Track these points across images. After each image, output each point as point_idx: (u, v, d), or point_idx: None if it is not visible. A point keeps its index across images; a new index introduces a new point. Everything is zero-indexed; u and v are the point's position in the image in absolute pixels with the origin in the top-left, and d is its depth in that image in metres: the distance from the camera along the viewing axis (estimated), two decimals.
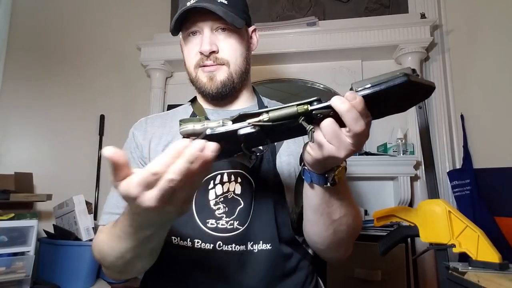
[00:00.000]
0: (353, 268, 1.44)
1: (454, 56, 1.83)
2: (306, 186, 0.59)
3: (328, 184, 0.53)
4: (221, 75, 0.74)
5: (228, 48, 0.74)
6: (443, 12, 1.89)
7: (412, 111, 1.71)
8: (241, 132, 0.42)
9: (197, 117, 0.77)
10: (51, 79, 1.75)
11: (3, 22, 1.57)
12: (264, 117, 0.42)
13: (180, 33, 0.80)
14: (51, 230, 1.47)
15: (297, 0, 2.15)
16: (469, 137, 1.65)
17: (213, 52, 0.73)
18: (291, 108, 0.41)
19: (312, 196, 0.59)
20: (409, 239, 1.51)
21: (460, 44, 1.79)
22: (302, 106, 0.41)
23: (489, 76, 1.56)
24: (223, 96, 0.76)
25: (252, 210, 0.68)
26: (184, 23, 0.75)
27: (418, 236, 0.83)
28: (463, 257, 0.78)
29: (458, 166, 1.72)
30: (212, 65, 0.74)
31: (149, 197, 0.37)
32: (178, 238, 0.68)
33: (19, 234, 1.26)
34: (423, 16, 1.81)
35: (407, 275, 1.43)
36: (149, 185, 0.37)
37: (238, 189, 0.69)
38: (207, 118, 0.75)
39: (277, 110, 0.42)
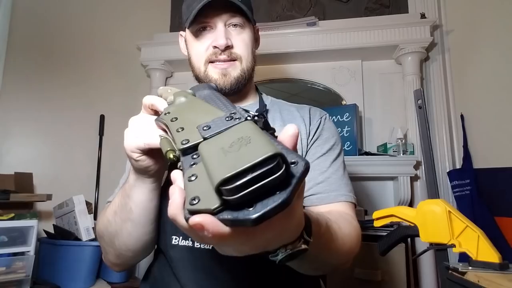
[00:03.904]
0: (353, 268, 1.44)
1: (454, 56, 1.83)
2: None
3: (277, 263, 0.35)
4: (235, 71, 0.74)
5: (242, 43, 0.74)
6: (443, 12, 1.89)
7: (412, 111, 1.72)
8: None
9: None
10: (51, 79, 1.75)
11: (3, 22, 1.57)
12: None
13: (186, 29, 0.79)
14: (51, 230, 1.47)
15: (297, 0, 2.15)
16: (469, 137, 1.65)
17: (228, 46, 0.72)
18: None
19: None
20: (409, 239, 1.51)
21: (460, 44, 1.79)
22: None
23: (489, 76, 1.56)
24: (234, 92, 0.76)
25: None
26: (195, 16, 0.73)
27: (418, 236, 0.82)
28: (463, 257, 0.78)
29: (458, 166, 1.72)
30: (226, 61, 0.73)
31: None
32: (180, 237, 0.68)
33: (19, 234, 1.26)
34: (423, 16, 1.82)
35: (407, 275, 1.43)
36: None
37: None
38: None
39: None
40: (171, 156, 0.36)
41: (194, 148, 0.32)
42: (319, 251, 0.48)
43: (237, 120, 0.33)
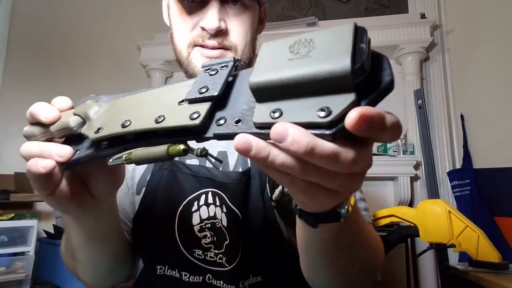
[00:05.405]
0: None
1: (454, 56, 1.83)
2: (304, 229, 0.38)
3: (341, 220, 0.33)
4: None
5: (239, 29, 0.58)
6: (443, 12, 1.89)
7: (412, 111, 1.72)
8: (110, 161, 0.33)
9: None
10: (51, 79, 1.75)
11: (3, 22, 1.57)
12: (124, 158, 0.32)
13: None
14: (51, 230, 1.47)
15: (297, 0, 2.15)
16: (469, 137, 1.65)
17: (221, 31, 0.56)
18: (160, 148, 0.30)
19: (316, 240, 0.39)
20: (409, 239, 1.51)
21: (460, 44, 1.79)
22: (174, 147, 0.30)
23: (489, 76, 1.56)
24: None
25: (241, 247, 0.54)
26: None
27: (418, 236, 0.83)
28: (463, 257, 0.78)
29: (458, 166, 1.72)
30: (215, 48, 0.56)
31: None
32: (166, 267, 0.58)
33: (19, 234, 1.26)
34: (423, 16, 1.82)
35: (407, 275, 1.43)
36: None
37: (225, 221, 0.55)
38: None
39: (141, 150, 0.32)
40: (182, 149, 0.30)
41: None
42: (352, 235, 0.40)
43: (225, 68, 0.28)
